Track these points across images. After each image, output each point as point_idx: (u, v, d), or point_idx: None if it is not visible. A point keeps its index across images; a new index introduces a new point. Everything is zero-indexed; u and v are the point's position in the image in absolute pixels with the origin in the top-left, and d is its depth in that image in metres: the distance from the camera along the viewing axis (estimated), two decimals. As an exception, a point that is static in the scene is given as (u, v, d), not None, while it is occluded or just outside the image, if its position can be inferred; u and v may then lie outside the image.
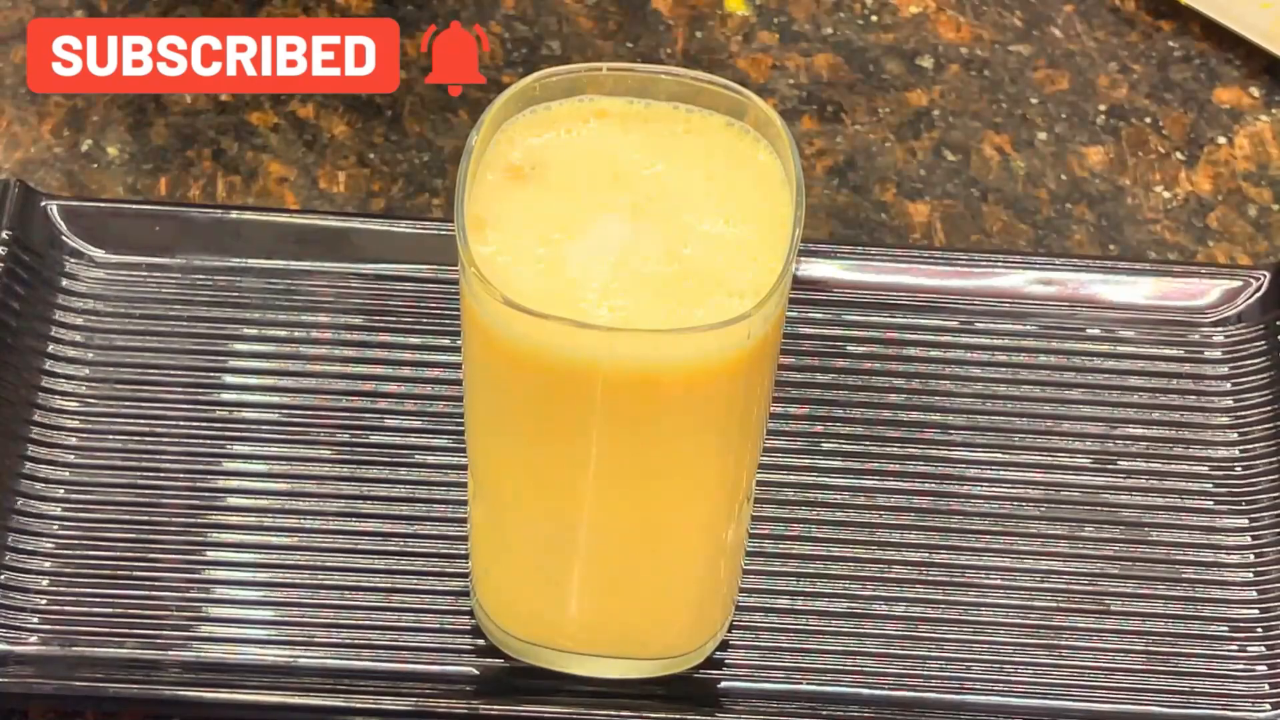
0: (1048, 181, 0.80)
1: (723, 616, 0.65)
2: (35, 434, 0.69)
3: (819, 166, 0.80)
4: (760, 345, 0.55)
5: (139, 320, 0.72)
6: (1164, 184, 0.81)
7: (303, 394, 0.71)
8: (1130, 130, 0.82)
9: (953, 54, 0.84)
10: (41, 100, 0.80)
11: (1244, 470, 0.70)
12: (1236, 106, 0.83)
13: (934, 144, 0.81)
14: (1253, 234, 0.79)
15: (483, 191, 0.56)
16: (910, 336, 0.73)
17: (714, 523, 0.61)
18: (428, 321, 0.73)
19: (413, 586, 0.66)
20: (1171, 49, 0.85)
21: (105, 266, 0.73)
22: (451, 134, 0.80)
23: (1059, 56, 0.85)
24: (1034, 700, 0.65)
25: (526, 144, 0.57)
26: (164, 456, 0.69)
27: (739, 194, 0.57)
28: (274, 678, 0.64)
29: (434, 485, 0.69)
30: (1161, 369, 0.73)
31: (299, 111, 0.81)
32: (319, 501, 0.68)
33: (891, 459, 0.70)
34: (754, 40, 0.84)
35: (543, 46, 0.83)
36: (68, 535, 0.67)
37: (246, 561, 0.67)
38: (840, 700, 0.65)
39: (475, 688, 0.64)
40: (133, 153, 0.79)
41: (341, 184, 0.79)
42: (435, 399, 0.71)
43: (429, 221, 0.75)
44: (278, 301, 0.73)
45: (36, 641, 0.64)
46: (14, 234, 0.72)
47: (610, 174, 0.57)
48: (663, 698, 0.64)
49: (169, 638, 0.65)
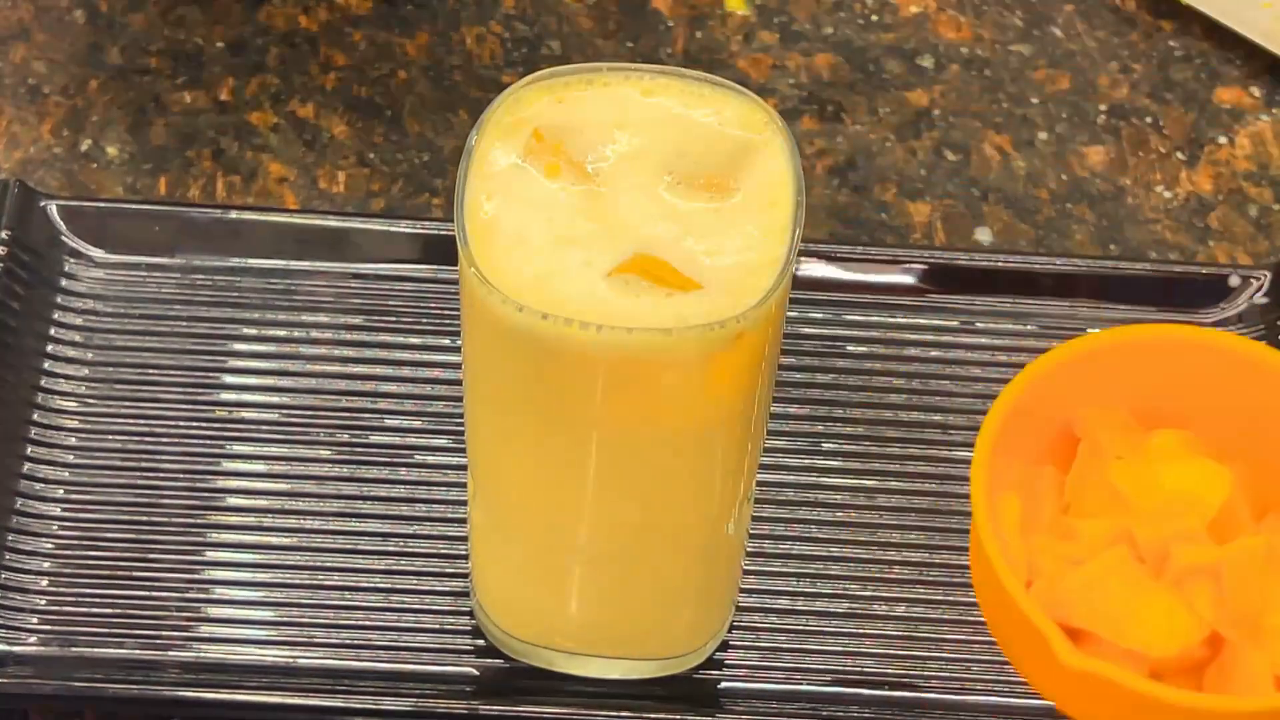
0: (1048, 181, 0.80)
1: (723, 617, 0.65)
2: (35, 434, 0.69)
3: (819, 166, 0.80)
4: (760, 345, 0.55)
5: (138, 320, 0.72)
6: (1165, 184, 0.81)
7: (302, 394, 0.71)
8: (1131, 130, 0.82)
9: (953, 54, 0.84)
10: (41, 100, 0.80)
11: (1245, 470, 0.70)
12: (1237, 106, 0.83)
13: (934, 144, 0.81)
14: (1253, 234, 0.79)
15: (483, 191, 0.56)
16: (910, 336, 0.73)
17: (714, 523, 0.61)
18: (428, 321, 0.73)
19: (412, 587, 0.66)
20: (1172, 49, 0.85)
21: (105, 266, 0.73)
22: (451, 134, 0.80)
23: (1060, 56, 0.85)
24: (1034, 700, 0.65)
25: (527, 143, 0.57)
26: (163, 456, 0.69)
27: (739, 194, 0.57)
28: (273, 678, 0.64)
29: (434, 485, 0.69)
30: (1162, 369, 0.73)
31: (299, 111, 0.81)
32: (318, 502, 0.68)
33: (891, 459, 0.70)
34: (754, 40, 0.84)
35: (543, 46, 0.83)
36: (67, 535, 0.67)
37: (246, 562, 0.67)
38: (840, 700, 0.65)
39: (475, 688, 0.64)
40: (132, 152, 0.79)
41: (341, 184, 0.79)
42: (435, 399, 0.71)
43: (429, 221, 0.75)
44: (277, 301, 0.73)
45: (36, 642, 0.64)
46: (13, 234, 0.72)
47: (611, 174, 0.57)
48: (663, 698, 0.64)
49: (169, 638, 0.65)
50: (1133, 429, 0.57)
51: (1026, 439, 0.56)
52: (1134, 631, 0.53)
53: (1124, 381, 0.58)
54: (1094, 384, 0.57)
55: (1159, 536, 0.54)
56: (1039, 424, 0.57)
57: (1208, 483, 0.55)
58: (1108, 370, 0.57)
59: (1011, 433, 0.56)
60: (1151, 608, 0.53)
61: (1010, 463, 0.56)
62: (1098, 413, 0.57)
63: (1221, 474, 0.56)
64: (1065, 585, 0.54)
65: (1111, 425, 0.57)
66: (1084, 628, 0.53)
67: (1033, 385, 0.56)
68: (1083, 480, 0.56)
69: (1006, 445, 0.55)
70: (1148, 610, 0.53)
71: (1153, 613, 0.53)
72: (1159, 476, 0.56)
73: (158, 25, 0.83)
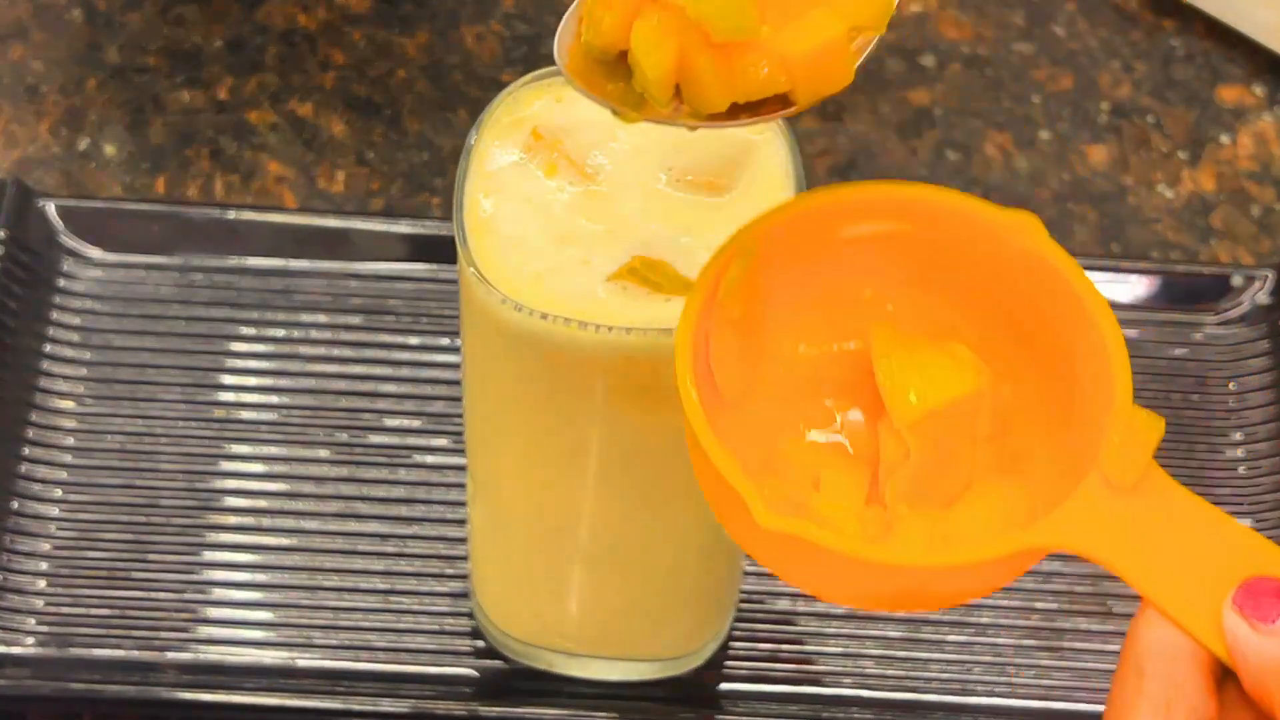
0: (1050, 181, 0.80)
1: (723, 617, 0.65)
2: (32, 434, 0.69)
3: (820, 166, 0.80)
4: (760, 345, 0.55)
5: (136, 320, 0.72)
6: (1167, 183, 0.80)
7: (301, 394, 0.71)
8: (1133, 129, 0.82)
9: (955, 53, 0.84)
10: (39, 99, 0.80)
11: (1248, 470, 0.70)
12: (1239, 105, 0.83)
13: (936, 143, 0.81)
14: (1256, 233, 0.79)
15: (482, 190, 0.56)
16: (911, 336, 0.73)
17: (714, 524, 0.61)
18: (427, 321, 0.72)
19: (412, 588, 0.66)
20: (1174, 48, 0.85)
21: (103, 266, 0.73)
22: (451, 133, 0.80)
23: (1061, 55, 0.84)
24: (1035, 702, 0.65)
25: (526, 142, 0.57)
26: (162, 457, 0.69)
27: (740, 193, 0.56)
28: (272, 679, 0.64)
29: (433, 486, 0.69)
30: (1164, 368, 0.73)
31: (298, 110, 0.80)
32: (317, 502, 0.68)
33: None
34: (755, 39, 0.84)
35: (542, 45, 0.83)
36: (65, 536, 0.67)
37: (244, 562, 0.67)
38: (840, 702, 0.64)
39: (474, 690, 0.64)
40: (130, 152, 0.79)
41: (340, 183, 0.78)
42: (434, 399, 0.70)
43: (429, 221, 0.74)
44: (276, 301, 0.73)
45: (34, 643, 0.64)
46: (11, 233, 0.71)
47: (610, 173, 0.57)
48: (663, 699, 0.64)
49: (166, 639, 0.65)
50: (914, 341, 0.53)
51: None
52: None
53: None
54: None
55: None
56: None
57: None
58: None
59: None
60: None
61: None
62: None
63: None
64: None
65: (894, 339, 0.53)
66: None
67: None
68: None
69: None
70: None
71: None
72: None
73: (156, 24, 0.83)
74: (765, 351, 0.53)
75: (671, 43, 0.46)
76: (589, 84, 0.47)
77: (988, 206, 0.53)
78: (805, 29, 0.46)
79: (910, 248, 0.53)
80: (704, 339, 0.51)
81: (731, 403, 0.52)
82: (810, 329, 0.54)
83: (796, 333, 0.54)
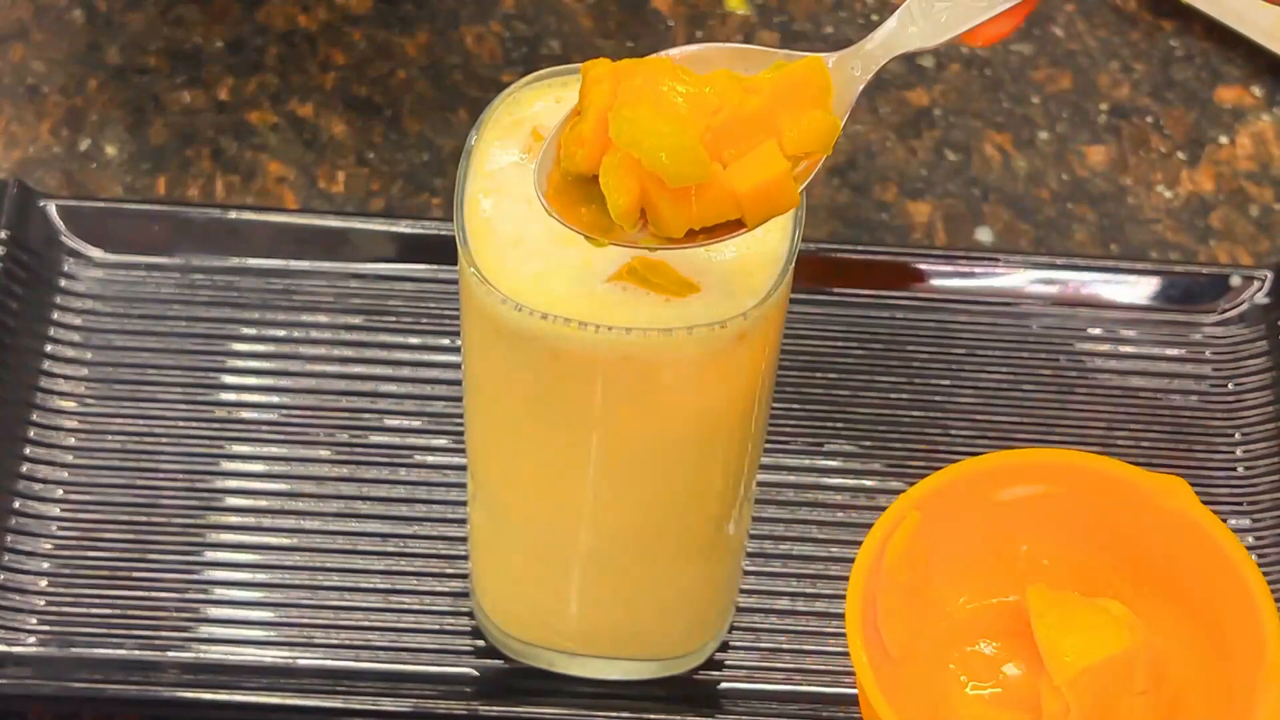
0: (1049, 181, 0.80)
1: (722, 617, 0.65)
2: (34, 434, 0.69)
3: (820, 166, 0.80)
4: (760, 345, 0.55)
5: (137, 320, 0.72)
6: (1166, 183, 0.81)
7: (302, 394, 0.71)
8: (1132, 129, 0.82)
9: (954, 53, 0.84)
10: (40, 99, 0.80)
11: (1246, 470, 0.70)
12: (1238, 106, 0.83)
13: (935, 143, 0.81)
14: (1254, 233, 0.79)
15: (482, 190, 0.56)
16: (910, 336, 0.73)
17: (714, 523, 0.61)
18: (427, 321, 0.72)
19: (412, 587, 0.66)
20: (1173, 48, 0.85)
21: (104, 266, 0.73)
22: (451, 134, 0.80)
23: (1060, 56, 0.84)
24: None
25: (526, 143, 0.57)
26: (163, 457, 0.69)
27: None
28: (273, 679, 0.64)
29: (434, 486, 0.69)
30: (1163, 369, 0.73)
31: (298, 111, 0.81)
32: (318, 502, 0.68)
33: (891, 459, 0.70)
34: (754, 40, 0.84)
35: (542, 46, 0.83)
36: (66, 536, 0.67)
37: (245, 562, 0.67)
38: (840, 701, 0.64)
39: (475, 689, 0.64)
40: (131, 152, 0.79)
41: (341, 184, 0.78)
42: (435, 399, 0.71)
43: (429, 221, 0.74)
44: (277, 301, 0.73)
45: (35, 643, 0.64)
46: (12, 234, 0.72)
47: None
48: (663, 698, 0.64)
49: (168, 639, 0.65)
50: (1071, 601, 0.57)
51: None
52: None
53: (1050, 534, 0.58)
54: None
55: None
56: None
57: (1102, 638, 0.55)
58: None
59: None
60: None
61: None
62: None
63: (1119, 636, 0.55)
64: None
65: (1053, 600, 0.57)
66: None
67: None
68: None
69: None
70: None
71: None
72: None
73: (156, 24, 0.83)
74: (929, 608, 0.58)
75: (633, 182, 0.51)
76: (567, 204, 0.52)
77: (1137, 472, 0.57)
78: (753, 166, 0.51)
79: (1063, 507, 0.58)
80: (871, 601, 0.55)
81: (898, 658, 0.56)
82: (970, 584, 0.58)
83: (957, 588, 0.58)
